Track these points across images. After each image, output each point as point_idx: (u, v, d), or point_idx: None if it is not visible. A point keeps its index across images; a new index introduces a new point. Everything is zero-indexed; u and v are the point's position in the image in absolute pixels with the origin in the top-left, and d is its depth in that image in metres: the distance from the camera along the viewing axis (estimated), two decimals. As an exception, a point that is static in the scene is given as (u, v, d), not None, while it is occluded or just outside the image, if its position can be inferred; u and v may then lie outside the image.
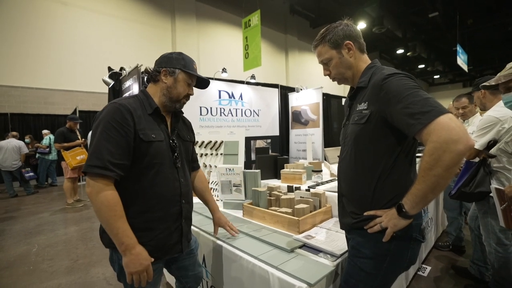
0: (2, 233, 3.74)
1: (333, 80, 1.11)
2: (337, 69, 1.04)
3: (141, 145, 1.01)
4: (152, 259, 1.01)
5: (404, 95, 0.81)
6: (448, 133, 0.72)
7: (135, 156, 1.01)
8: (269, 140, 4.95)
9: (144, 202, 1.04)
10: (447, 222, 2.78)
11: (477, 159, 1.80)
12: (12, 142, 5.84)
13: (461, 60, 10.06)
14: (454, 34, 10.60)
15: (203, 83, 1.27)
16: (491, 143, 1.72)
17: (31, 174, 6.25)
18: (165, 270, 1.54)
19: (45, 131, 6.96)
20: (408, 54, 14.99)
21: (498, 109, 1.71)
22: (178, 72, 1.12)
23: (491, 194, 1.79)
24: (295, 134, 5.21)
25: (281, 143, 5.25)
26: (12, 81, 7.22)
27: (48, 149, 6.67)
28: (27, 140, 6.89)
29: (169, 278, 2.12)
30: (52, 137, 6.59)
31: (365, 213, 0.96)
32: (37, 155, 6.67)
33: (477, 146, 1.74)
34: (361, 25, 13.06)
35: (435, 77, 21.03)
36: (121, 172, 0.97)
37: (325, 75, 1.09)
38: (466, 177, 1.83)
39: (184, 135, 1.27)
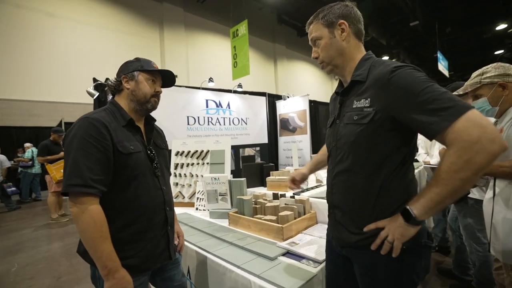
0: (-20, 252, 3.58)
1: (321, 66, 0.99)
2: (326, 51, 0.92)
3: (120, 158, 1.00)
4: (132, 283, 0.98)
5: (419, 90, 0.71)
6: (481, 132, 0.63)
7: (116, 170, 1.00)
8: (258, 148, 4.98)
9: (130, 215, 1.03)
10: (433, 223, 2.84)
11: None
12: (-7, 156, 5.65)
13: (442, 66, 10.48)
14: (435, 41, 11.08)
15: (169, 79, 1.23)
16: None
17: (13, 189, 6.03)
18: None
19: (27, 144, 6.78)
20: (393, 60, 15.53)
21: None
22: (137, 74, 1.11)
23: (469, 196, 1.86)
24: (283, 141, 5.25)
25: (270, 150, 5.29)
26: (-5, 93, 7.05)
27: (30, 162, 6.47)
28: None
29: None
30: (34, 150, 6.41)
31: (365, 229, 0.84)
32: (19, 169, 6.46)
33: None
34: (346, 33, 13.49)
35: (419, 82, 21.74)
36: (103, 187, 0.95)
37: (313, 57, 0.98)
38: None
39: (160, 143, 1.28)
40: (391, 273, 0.83)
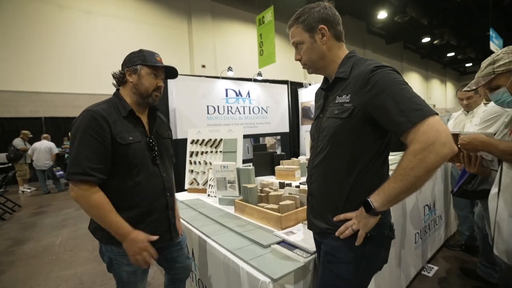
0: (34, 226, 4.15)
1: (303, 67, 1.03)
2: (308, 55, 0.96)
3: (119, 148, 1.07)
4: (152, 237, 1.12)
5: (393, 90, 0.77)
6: (437, 135, 0.70)
7: (116, 159, 1.08)
8: (278, 137, 4.94)
9: (131, 199, 1.12)
10: (458, 221, 2.62)
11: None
12: (44, 144, 6.39)
13: (495, 46, 9.23)
14: (488, 17, 9.77)
15: (172, 72, 1.26)
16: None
17: (61, 172, 6.78)
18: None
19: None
20: (435, 42, 14.05)
21: (501, 99, 1.58)
22: (140, 68, 1.14)
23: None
24: (305, 130, 5.15)
25: (291, 139, 5.22)
26: (44, 87, 7.87)
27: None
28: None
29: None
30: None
31: (335, 219, 0.91)
32: (66, 155, 7.23)
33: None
34: (382, 14, 12.45)
35: (467, 65, 19.54)
36: (101, 175, 1.04)
37: (296, 59, 1.01)
38: (468, 174, 1.71)
39: (163, 132, 1.32)
40: (353, 257, 0.90)
